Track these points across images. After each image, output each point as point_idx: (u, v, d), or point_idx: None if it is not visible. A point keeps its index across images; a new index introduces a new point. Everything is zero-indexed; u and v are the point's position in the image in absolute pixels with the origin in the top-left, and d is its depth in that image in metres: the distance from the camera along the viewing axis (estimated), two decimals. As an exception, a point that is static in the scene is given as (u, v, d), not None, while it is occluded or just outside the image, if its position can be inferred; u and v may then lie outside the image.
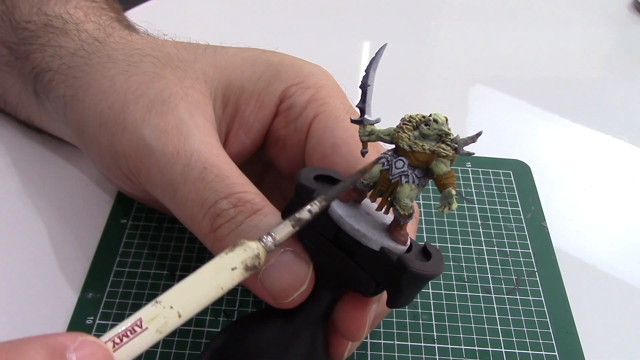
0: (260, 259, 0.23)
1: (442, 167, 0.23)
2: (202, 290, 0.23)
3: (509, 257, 0.38)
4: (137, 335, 0.21)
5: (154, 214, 0.39)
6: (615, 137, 0.49)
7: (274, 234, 0.24)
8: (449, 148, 0.23)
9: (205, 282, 0.23)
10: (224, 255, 0.23)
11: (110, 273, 0.36)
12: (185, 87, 0.32)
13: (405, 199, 0.24)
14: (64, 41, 0.36)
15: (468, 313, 0.35)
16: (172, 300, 0.22)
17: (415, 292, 0.27)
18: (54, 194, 0.41)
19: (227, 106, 0.33)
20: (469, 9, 0.65)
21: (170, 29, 0.39)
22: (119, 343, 0.21)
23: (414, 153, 0.24)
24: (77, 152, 0.42)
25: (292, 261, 0.26)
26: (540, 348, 0.33)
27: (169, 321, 0.22)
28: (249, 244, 0.23)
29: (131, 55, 0.33)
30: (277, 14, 0.61)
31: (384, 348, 0.33)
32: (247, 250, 0.23)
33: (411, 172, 0.24)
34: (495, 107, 0.52)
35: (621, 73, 0.58)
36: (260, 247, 0.23)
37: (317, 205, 0.24)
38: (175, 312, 0.22)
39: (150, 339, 0.21)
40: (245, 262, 0.23)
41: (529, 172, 0.44)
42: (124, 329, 0.21)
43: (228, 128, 0.33)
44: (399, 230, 0.25)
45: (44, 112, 0.38)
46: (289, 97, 0.32)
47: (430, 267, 0.25)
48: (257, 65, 0.33)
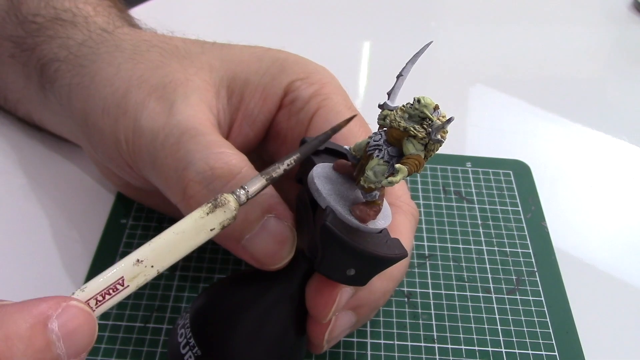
0: (235, 218, 0.24)
1: (409, 147, 0.23)
2: (181, 249, 0.23)
3: (509, 257, 0.38)
4: (118, 293, 0.22)
5: (154, 214, 0.39)
6: (615, 137, 0.49)
7: (247, 188, 0.24)
8: (423, 130, 0.23)
9: (185, 241, 0.23)
10: (205, 215, 0.23)
11: (110, 273, 0.36)
12: (189, 74, 0.32)
13: (369, 171, 0.24)
14: (72, 33, 0.36)
15: (468, 313, 0.35)
16: (153, 260, 0.23)
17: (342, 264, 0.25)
18: (54, 194, 0.41)
19: (232, 97, 0.33)
20: (469, 9, 0.65)
21: (170, 28, 0.39)
22: (101, 301, 0.21)
23: (391, 129, 0.24)
24: (77, 152, 0.42)
25: (277, 227, 0.27)
26: (540, 348, 0.33)
27: (148, 278, 0.23)
28: (228, 205, 0.24)
29: (138, 46, 0.34)
30: (277, 14, 0.61)
31: (384, 348, 0.33)
32: (226, 212, 0.24)
33: (385, 148, 0.24)
34: (495, 107, 0.52)
35: (621, 73, 0.58)
36: (236, 205, 0.24)
37: (293, 159, 0.26)
38: (155, 271, 0.23)
39: (128, 294, 0.22)
40: (223, 223, 0.24)
41: (529, 172, 0.44)
42: (106, 287, 0.22)
43: (232, 119, 0.33)
44: (362, 206, 0.25)
45: (46, 106, 0.38)
46: (293, 90, 0.32)
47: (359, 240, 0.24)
48: (263, 61, 0.33)
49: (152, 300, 0.34)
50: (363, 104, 0.33)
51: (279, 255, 0.27)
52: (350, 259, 0.25)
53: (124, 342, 0.32)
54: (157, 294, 0.35)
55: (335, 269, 0.25)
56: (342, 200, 0.25)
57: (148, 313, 0.34)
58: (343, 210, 0.24)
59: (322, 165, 0.26)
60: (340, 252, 0.24)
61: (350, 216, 0.24)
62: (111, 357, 0.32)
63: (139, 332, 0.33)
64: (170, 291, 0.35)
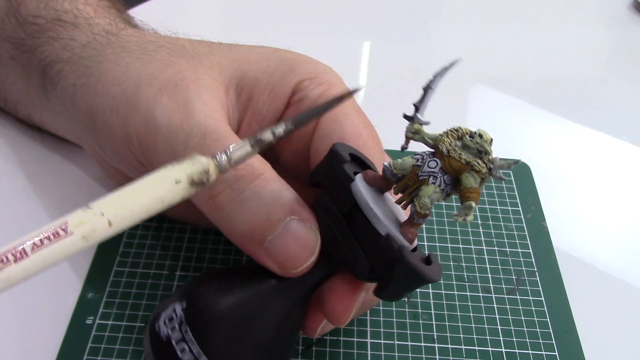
0: (209, 175, 0.22)
1: (470, 181, 0.24)
2: (140, 200, 0.21)
3: (509, 257, 0.38)
4: (60, 240, 0.20)
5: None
6: (615, 137, 0.49)
7: (229, 152, 0.23)
8: (484, 165, 0.24)
9: (144, 192, 0.21)
10: (169, 166, 0.21)
11: (110, 273, 0.36)
12: (199, 72, 0.32)
13: (426, 198, 0.24)
14: (75, 34, 0.36)
15: (468, 313, 0.35)
16: (104, 207, 0.20)
17: (404, 290, 0.27)
18: (53, 194, 0.41)
19: (241, 95, 0.33)
20: (469, 9, 0.65)
21: (171, 29, 0.39)
22: (39, 245, 0.19)
23: (450, 159, 0.24)
24: (77, 152, 0.42)
25: (300, 230, 0.26)
26: (540, 348, 0.33)
27: (97, 229, 0.20)
28: (198, 157, 0.22)
29: (145, 47, 0.34)
30: (277, 13, 0.61)
31: (384, 348, 0.33)
32: (195, 164, 0.21)
33: (441, 176, 0.24)
34: (495, 107, 0.52)
35: (621, 73, 0.58)
36: (211, 163, 0.22)
37: (283, 129, 0.24)
38: (105, 220, 0.20)
39: (75, 245, 0.20)
40: (192, 176, 0.21)
41: (529, 172, 0.44)
42: (46, 231, 0.20)
43: (241, 117, 0.33)
44: (410, 228, 0.26)
45: (47, 108, 0.38)
46: (302, 89, 0.32)
47: (426, 269, 0.25)
48: (272, 60, 0.33)
49: (152, 300, 0.34)
50: (363, 104, 0.33)
51: (302, 259, 0.26)
52: (414, 284, 0.26)
53: (123, 342, 0.32)
54: (157, 294, 0.35)
55: (397, 294, 0.26)
56: (386, 218, 0.25)
57: (148, 313, 0.34)
58: (391, 230, 0.25)
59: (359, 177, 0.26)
60: (411, 281, 0.25)
61: (400, 236, 0.25)
62: (111, 357, 0.32)
63: (139, 332, 0.33)
64: (170, 291, 0.35)
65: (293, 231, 0.26)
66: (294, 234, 0.26)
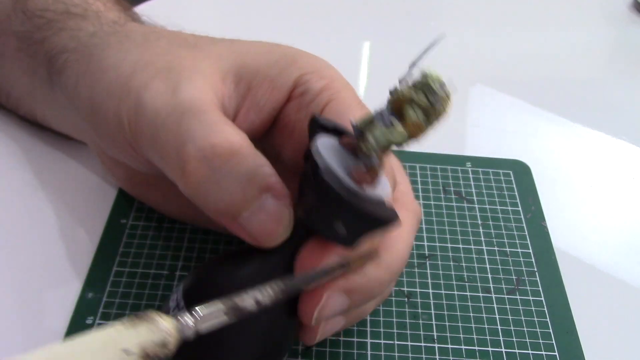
0: (167, 348, 0.18)
1: (410, 113, 0.23)
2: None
3: (509, 257, 0.38)
4: None
5: (154, 213, 0.39)
6: (615, 137, 0.49)
7: (198, 318, 0.19)
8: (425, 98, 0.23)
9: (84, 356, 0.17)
10: (120, 327, 0.17)
11: (110, 273, 0.36)
12: (196, 60, 0.32)
13: (369, 136, 0.24)
14: (83, 25, 0.36)
15: (468, 313, 0.35)
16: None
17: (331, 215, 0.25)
18: (53, 194, 0.41)
19: (239, 85, 0.33)
20: (469, 9, 0.65)
21: (173, 26, 0.39)
22: None
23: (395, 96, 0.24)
24: (78, 151, 0.42)
25: (274, 207, 0.26)
26: (540, 348, 0.33)
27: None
28: (157, 321, 0.18)
29: (148, 36, 0.34)
30: (277, 13, 0.61)
31: (384, 348, 0.33)
32: (152, 330, 0.17)
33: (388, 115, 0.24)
34: (495, 107, 0.52)
35: (621, 73, 0.58)
36: (173, 331, 0.18)
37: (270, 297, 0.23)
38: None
39: None
40: (146, 348, 0.17)
41: (529, 172, 0.44)
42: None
43: (238, 107, 0.33)
44: (357, 168, 0.25)
45: (51, 101, 0.38)
46: (303, 83, 0.32)
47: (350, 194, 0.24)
48: (273, 53, 0.34)
49: (152, 300, 0.34)
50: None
51: (276, 234, 0.27)
52: (339, 211, 0.25)
53: (124, 342, 0.32)
54: (157, 294, 0.35)
55: (324, 221, 0.25)
56: (344, 169, 0.25)
57: (148, 313, 0.34)
58: (342, 174, 0.24)
59: (327, 138, 0.26)
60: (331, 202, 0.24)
61: (348, 179, 0.25)
62: (111, 357, 0.32)
63: (139, 332, 0.33)
64: (170, 291, 0.35)
65: (267, 208, 0.26)
66: (268, 211, 0.26)
